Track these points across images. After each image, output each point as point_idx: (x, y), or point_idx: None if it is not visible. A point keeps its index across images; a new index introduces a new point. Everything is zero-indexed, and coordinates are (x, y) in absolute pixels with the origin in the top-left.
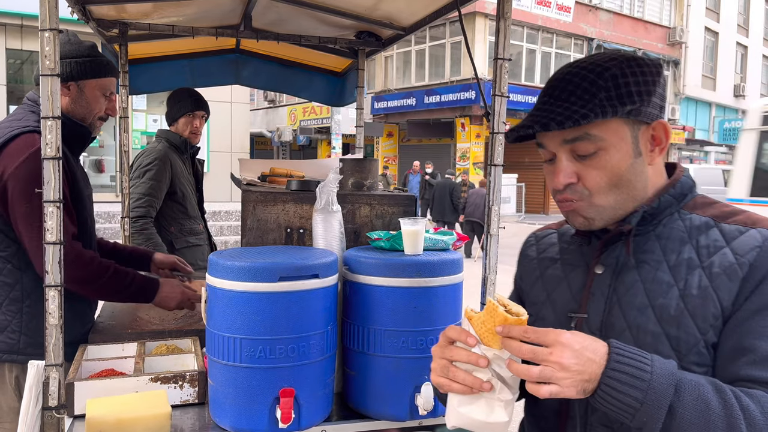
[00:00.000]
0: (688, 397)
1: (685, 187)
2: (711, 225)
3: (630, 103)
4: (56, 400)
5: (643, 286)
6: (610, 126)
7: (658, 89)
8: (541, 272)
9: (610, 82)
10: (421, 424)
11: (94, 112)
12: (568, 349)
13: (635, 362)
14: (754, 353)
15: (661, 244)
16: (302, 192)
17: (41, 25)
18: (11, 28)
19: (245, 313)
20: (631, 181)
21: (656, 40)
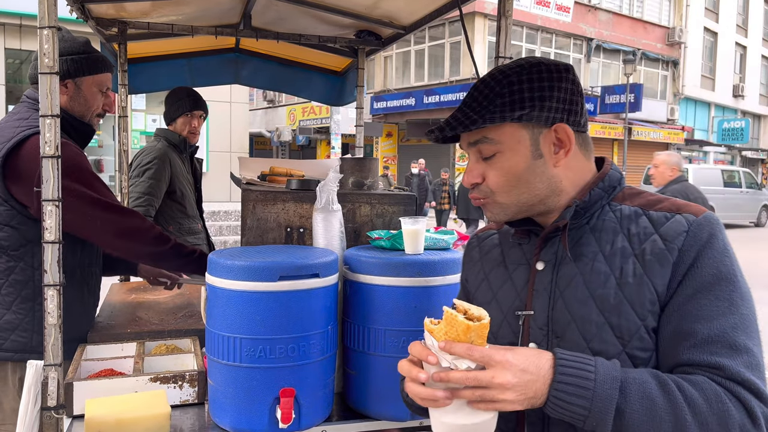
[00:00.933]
0: (633, 396)
1: (613, 180)
2: (640, 213)
3: (520, 108)
4: (55, 400)
5: (582, 278)
6: (506, 130)
7: (559, 93)
8: (486, 273)
9: (506, 88)
10: (421, 424)
11: (92, 108)
12: (510, 371)
13: (579, 371)
14: (693, 337)
15: (595, 236)
16: (302, 191)
17: (40, 23)
18: (10, 27)
19: (245, 312)
20: (530, 182)
21: (655, 40)
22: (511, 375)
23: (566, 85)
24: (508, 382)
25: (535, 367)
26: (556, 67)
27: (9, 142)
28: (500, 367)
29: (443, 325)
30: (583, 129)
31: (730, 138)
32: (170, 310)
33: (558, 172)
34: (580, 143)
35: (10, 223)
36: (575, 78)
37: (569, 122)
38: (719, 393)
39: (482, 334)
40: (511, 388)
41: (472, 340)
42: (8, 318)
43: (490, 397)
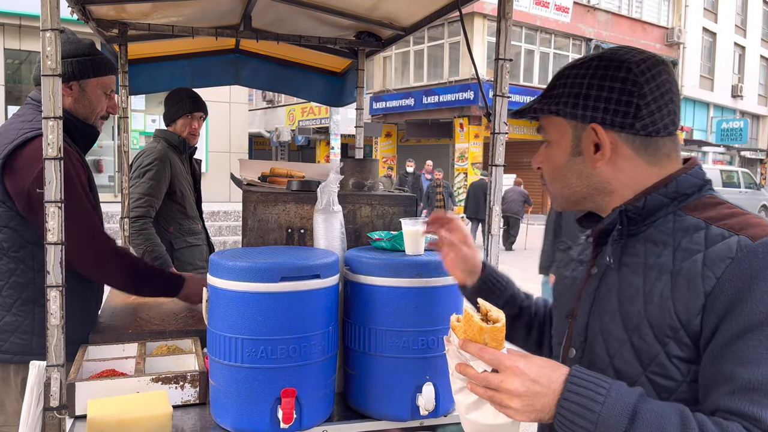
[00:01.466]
0: (645, 428)
1: (684, 187)
2: (701, 227)
3: (556, 102)
4: (57, 400)
5: (617, 289)
6: (554, 122)
7: (603, 92)
8: (565, 265)
9: (559, 80)
10: (422, 425)
11: (96, 111)
12: (519, 379)
13: (589, 392)
14: (733, 382)
15: (646, 246)
16: (303, 192)
17: (42, 25)
18: (9, 28)
19: (247, 313)
20: (567, 177)
21: (654, 41)
22: (519, 383)
23: (618, 84)
24: (516, 389)
25: (547, 379)
26: (617, 65)
27: (11, 143)
28: (510, 372)
29: (463, 324)
30: (642, 132)
31: (728, 138)
32: (171, 310)
33: (603, 173)
34: (636, 147)
35: (9, 225)
36: (639, 78)
37: (614, 124)
38: None
39: (496, 337)
40: (518, 396)
41: (486, 342)
42: (8, 320)
43: (498, 401)
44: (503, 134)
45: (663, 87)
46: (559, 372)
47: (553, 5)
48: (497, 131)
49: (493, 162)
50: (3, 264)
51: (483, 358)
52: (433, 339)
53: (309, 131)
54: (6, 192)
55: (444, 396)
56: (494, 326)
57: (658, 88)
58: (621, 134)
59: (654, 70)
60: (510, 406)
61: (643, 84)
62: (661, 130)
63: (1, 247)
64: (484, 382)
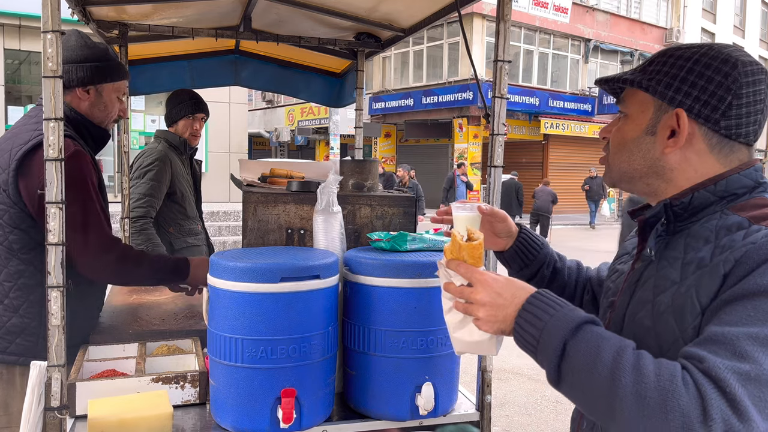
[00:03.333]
0: (583, 342)
1: (734, 186)
2: (744, 226)
3: (649, 79)
4: (58, 400)
5: (653, 281)
6: (638, 97)
7: (703, 82)
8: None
9: (659, 57)
10: (421, 424)
11: (111, 115)
12: (486, 290)
13: (544, 306)
14: (702, 335)
15: (687, 241)
16: (303, 193)
17: (44, 27)
18: (9, 28)
19: (247, 313)
20: (632, 152)
21: (653, 41)
22: (485, 294)
23: (720, 78)
24: (482, 299)
25: (511, 294)
26: (725, 58)
27: (26, 145)
28: (479, 284)
29: (450, 244)
30: (723, 131)
31: None
32: (171, 310)
33: (669, 159)
34: (712, 144)
35: (20, 226)
36: (741, 78)
37: (700, 114)
38: (675, 375)
39: (474, 254)
40: (483, 305)
41: (465, 259)
42: (15, 321)
43: (470, 312)
44: (502, 135)
45: (759, 95)
46: (525, 290)
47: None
48: (496, 132)
49: (492, 163)
50: (13, 265)
51: (459, 271)
52: (432, 339)
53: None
54: (19, 194)
55: (443, 396)
56: (471, 243)
57: (754, 94)
58: (702, 127)
59: (757, 76)
60: (477, 316)
61: (743, 84)
62: (741, 135)
63: (11, 248)
64: (460, 293)
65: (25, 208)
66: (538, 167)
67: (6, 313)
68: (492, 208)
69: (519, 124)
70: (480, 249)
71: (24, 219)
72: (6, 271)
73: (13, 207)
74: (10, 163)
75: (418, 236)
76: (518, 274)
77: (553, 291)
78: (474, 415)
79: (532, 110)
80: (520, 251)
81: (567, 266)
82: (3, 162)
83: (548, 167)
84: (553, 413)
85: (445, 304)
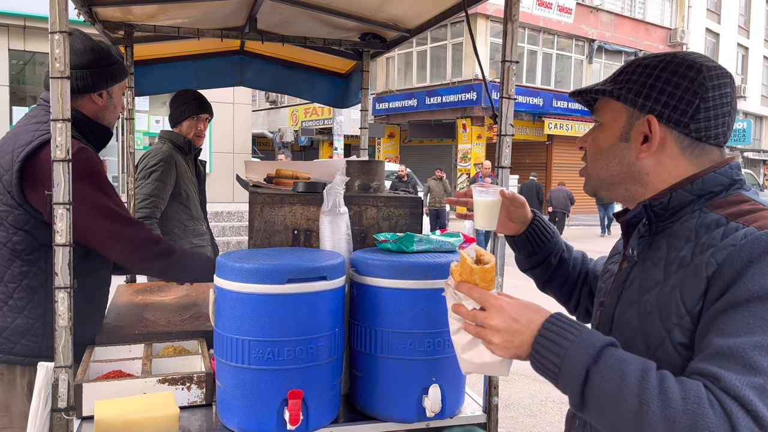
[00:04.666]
0: (605, 368)
1: (710, 185)
2: (722, 223)
3: (619, 88)
4: (65, 401)
5: (639, 282)
6: (610, 106)
7: (669, 87)
8: (610, 257)
9: (627, 67)
10: (428, 426)
11: (118, 113)
12: (500, 316)
13: (562, 332)
14: (708, 348)
15: (669, 241)
16: (309, 194)
17: (51, 27)
18: (14, 29)
19: (253, 314)
20: (609, 160)
21: (657, 42)
22: (500, 320)
23: (686, 83)
24: (497, 325)
25: (527, 319)
26: (690, 64)
27: (28, 146)
28: (494, 310)
29: (459, 266)
30: (693, 134)
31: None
32: (177, 311)
33: (644, 164)
34: (684, 147)
35: (24, 227)
36: (707, 82)
37: (670, 119)
38: (701, 396)
39: (486, 278)
40: (498, 331)
41: (476, 282)
42: (19, 322)
43: (483, 336)
44: (509, 136)
45: (725, 98)
46: (540, 314)
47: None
48: (504, 133)
49: (499, 164)
50: (16, 266)
51: (472, 296)
52: (439, 341)
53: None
54: (23, 196)
55: (450, 397)
56: (483, 267)
57: (720, 97)
58: (673, 131)
59: (722, 80)
60: (492, 341)
61: (709, 88)
62: (711, 137)
63: (15, 249)
64: (472, 318)
65: (30, 209)
66: (542, 168)
67: (11, 314)
68: (513, 194)
69: (523, 125)
70: (492, 272)
71: (28, 220)
72: (10, 272)
73: (17, 209)
74: (12, 164)
75: (425, 237)
76: (526, 259)
77: (556, 280)
78: (481, 417)
79: (535, 111)
80: (531, 238)
81: (573, 257)
82: (5, 163)
83: (552, 168)
84: (558, 414)
85: (453, 324)
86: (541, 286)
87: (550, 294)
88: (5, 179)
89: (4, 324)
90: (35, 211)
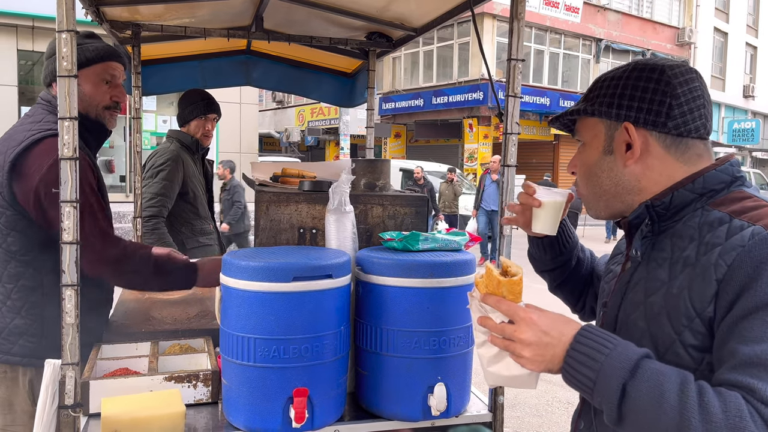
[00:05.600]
0: (643, 382)
1: (711, 182)
2: (725, 221)
3: (592, 103)
4: (72, 398)
5: (644, 283)
6: (588, 123)
7: (637, 92)
8: (612, 257)
9: (597, 84)
10: (433, 425)
11: (95, 102)
12: (530, 330)
13: (596, 344)
14: (735, 358)
15: (672, 240)
16: (315, 192)
17: (58, 26)
18: (22, 29)
19: (259, 313)
20: (598, 176)
21: (665, 41)
22: (531, 333)
23: (652, 85)
24: (527, 339)
25: (558, 332)
26: (651, 68)
27: (19, 146)
28: (523, 323)
29: (484, 279)
30: (673, 131)
31: (740, 139)
32: (183, 310)
33: (633, 171)
34: (667, 145)
35: (17, 228)
36: (673, 80)
37: (647, 122)
38: (742, 409)
39: (514, 290)
40: (528, 345)
41: (504, 295)
42: (17, 323)
43: (512, 350)
44: (515, 134)
45: (695, 92)
46: (571, 327)
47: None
48: (510, 131)
49: (506, 162)
50: (12, 268)
51: (500, 309)
52: (444, 339)
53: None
54: (13, 195)
55: (455, 396)
56: (511, 279)
57: (690, 91)
58: (653, 133)
59: (687, 76)
60: (522, 355)
61: (676, 85)
62: (692, 131)
63: (9, 251)
64: (501, 331)
65: (21, 210)
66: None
67: (9, 314)
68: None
69: (529, 125)
70: (520, 285)
71: (20, 221)
72: (6, 273)
73: (8, 209)
74: (3, 164)
75: (430, 236)
76: (552, 260)
77: (572, 281)
78: (487, 416)
79: (542, 110)
80: (560, 238)
81: (586, 256)
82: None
83: (559, 168)
84: (564, 414)
85: (478, 337)
86: (555, 287)
87: (560, 295)
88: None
89: (3, 324)
90: (24, 210)
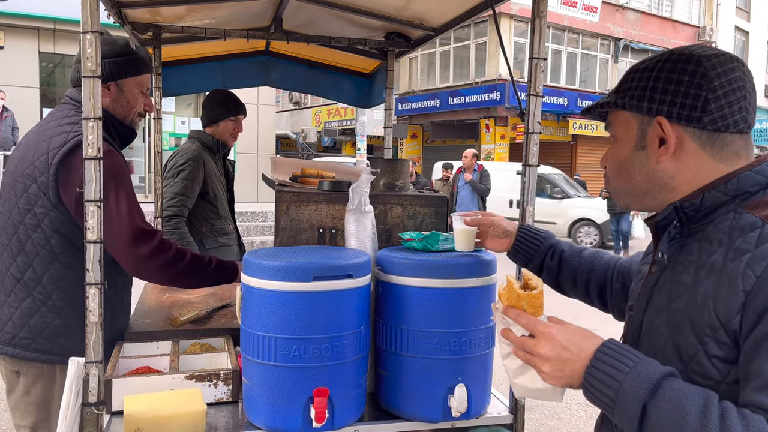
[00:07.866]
0: (664, 403)
1: (746, 184)
2: (757, 226)
3: (623, 96)
4: (96, 396)
5: (668, 287)
6: (620, 117)
7: (670, 85)
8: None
9: (629, 75)
10: (454, 426)
11: (134, 110)
12: (551, 344)
13: (616, 362)
14: (760, 378)
15: (701, 244)
16: (335, 192)
17: (83, 27)
18: (44, 31)
19: (280, 312)
20: (630, 171)
21: (685, 40)
22: (549, 348)
23: (687, 77)
24: (546, 353)
25: (577, 347)
26: (687, 58)
27: (62, 147)
28: (543, 338)
29: (506, 290)
30: (709, 127)
31: (761, 139)
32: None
33: (666, 168)
34: (703, 142)
35: (60, 230)
36: (710, 71)
37: (681, 117)
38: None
39: (534, 304)
40: (547, 360)
41: (524, 308)
42: (58, 323)
43: (533, 364)
44: (536, 134)
45: (735, 83)
46: (591, 341)
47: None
48: (531, 131)
49: (527, 162)
50: (54, 269)
51: (520, 322)
52: (465, 340)
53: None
54: (59, 197)
55: (476, 397)
56: (530, 293)
57: (729, 83)
58: (687, 128)
59: (726, 66)
60: (542, 370)
61: (713, 78)
62: (730, 126)
63: (52, 252)
64: (521, 345)
65: (66, 211)
66: (566, 168)
67: (50, 315)
68: (476, 219)
69: (547, 125)
70: (540, 298)
71: (64, 222)
72: (48, 273)
73: (53, 210)
74: (49, 166)
75: (450, 236)
76: (527, 267)
77: (563, 280)
78: (507, 418)
79: (560, 110)
80: (521, 248)
81: (580, 255)
82: (41, 165)
83: (576, 168)
84: (583, 417)
85: (503, 349)
86: (556, 288)
87: (570, 296)
88: (41, 180)
89: (42, 324)
90: (69, 213)
